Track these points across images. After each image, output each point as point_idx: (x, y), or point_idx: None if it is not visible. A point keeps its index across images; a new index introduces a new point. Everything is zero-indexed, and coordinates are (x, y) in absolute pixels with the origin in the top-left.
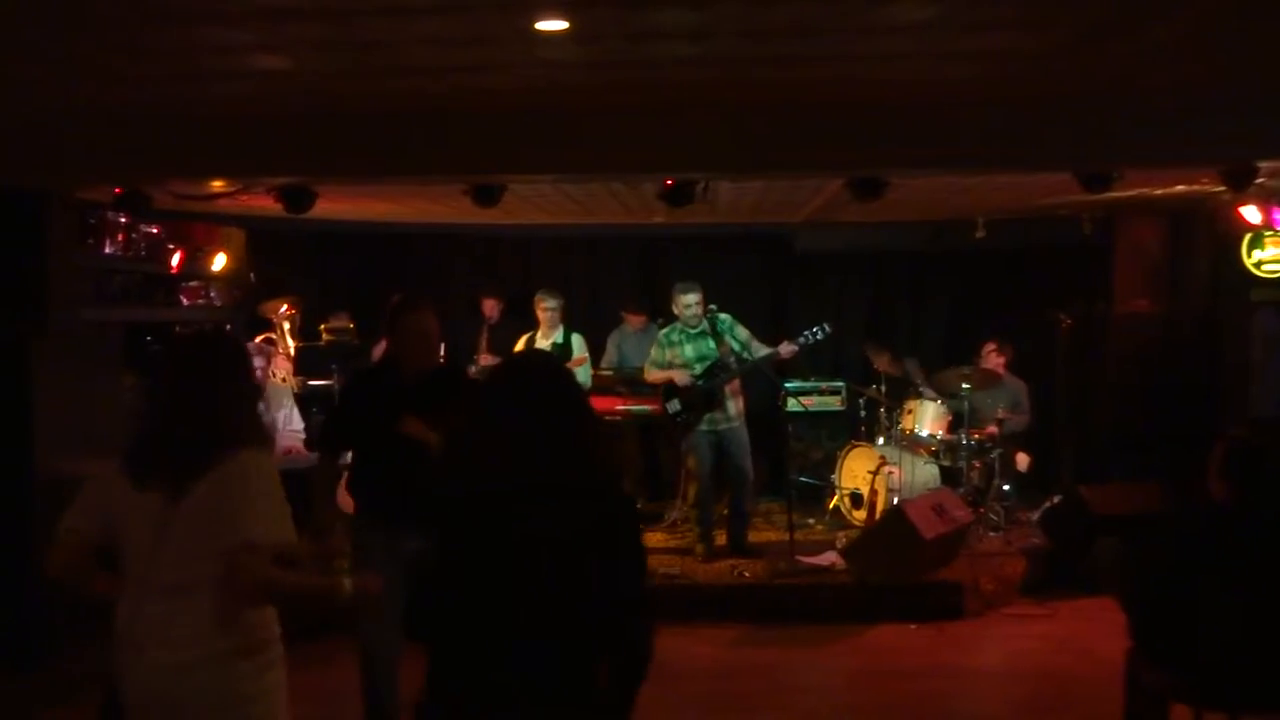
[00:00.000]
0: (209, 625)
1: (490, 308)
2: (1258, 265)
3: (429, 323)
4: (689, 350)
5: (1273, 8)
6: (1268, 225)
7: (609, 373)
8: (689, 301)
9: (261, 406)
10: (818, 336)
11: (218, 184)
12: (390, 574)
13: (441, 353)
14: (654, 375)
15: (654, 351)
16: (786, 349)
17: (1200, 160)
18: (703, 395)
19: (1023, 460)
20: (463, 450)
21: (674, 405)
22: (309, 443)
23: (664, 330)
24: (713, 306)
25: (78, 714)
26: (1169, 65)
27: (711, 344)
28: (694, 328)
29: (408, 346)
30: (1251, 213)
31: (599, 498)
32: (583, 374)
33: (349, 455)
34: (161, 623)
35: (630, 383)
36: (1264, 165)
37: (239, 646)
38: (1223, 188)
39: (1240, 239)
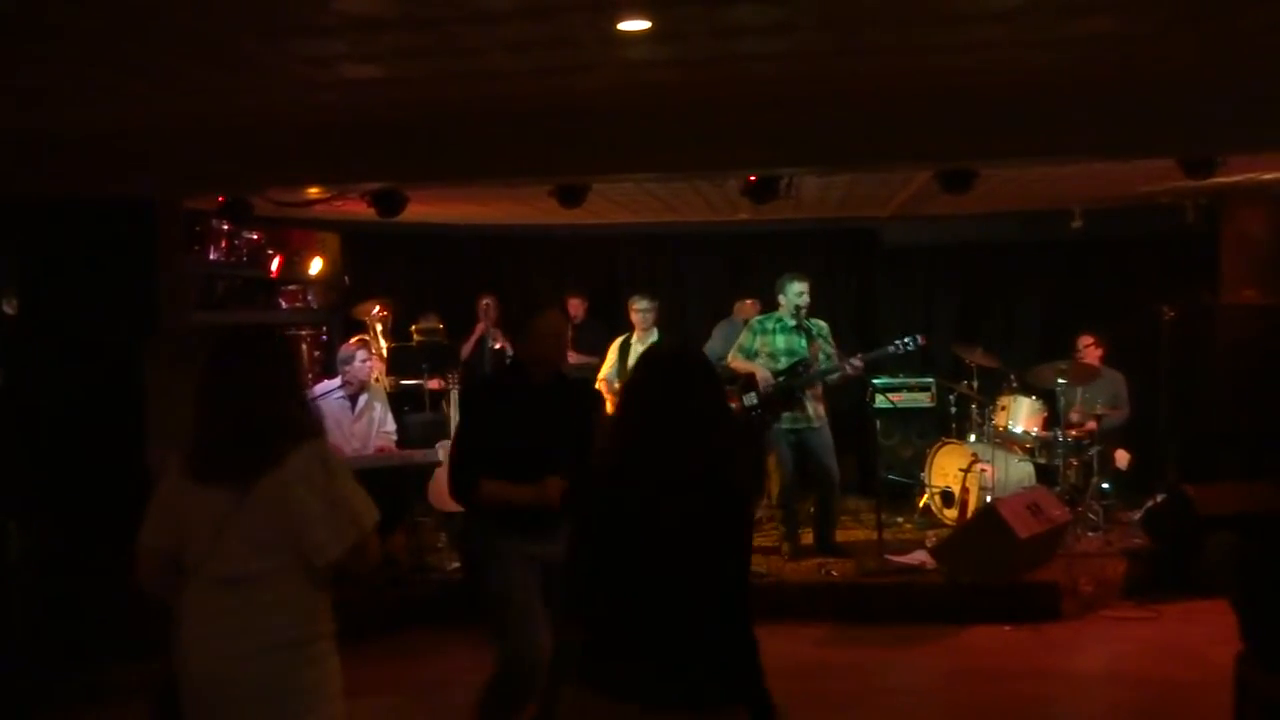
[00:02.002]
0: (267, 616)
1: (575, 307)
2: None
3: (559, 323)
4: (780, 341)
5: None
6: None
7: None
8: (800, 289)
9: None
10: (909, 347)
11: (314, 190)
12: (528, 579)
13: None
14: (738, 363)
15: (744, 337)
16: (853, 366)
17: None
18: (781, 393)
19: (1123, 458)
20: (603, 442)
21: (750, 399)
22: (400, 442)
23: (758, 317)
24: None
25: None
26: (1272, 45)
27: (803, 342)
28: (794, 320)
29: (541, 349)
30: None
31: (715, 491)
32: None
33: (440, 452)
34: (222, 613)
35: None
36: None
37: (294, 638)
38: None
39: None
